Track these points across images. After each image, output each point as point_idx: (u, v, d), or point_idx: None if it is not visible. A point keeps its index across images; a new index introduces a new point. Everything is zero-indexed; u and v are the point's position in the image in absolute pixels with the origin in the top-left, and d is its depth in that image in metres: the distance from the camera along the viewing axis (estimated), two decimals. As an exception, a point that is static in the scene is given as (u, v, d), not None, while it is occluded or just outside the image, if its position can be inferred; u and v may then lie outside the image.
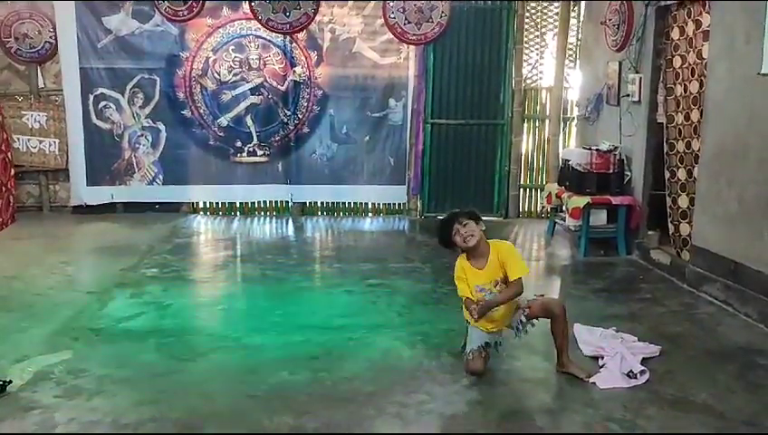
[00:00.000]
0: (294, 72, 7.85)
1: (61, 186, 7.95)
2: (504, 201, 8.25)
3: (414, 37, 7.62)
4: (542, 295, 3.88)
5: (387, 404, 3.50)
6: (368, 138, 8.09)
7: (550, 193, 7.15)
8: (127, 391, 3.59)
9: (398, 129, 8.10)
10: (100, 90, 7.69)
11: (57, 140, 7.74)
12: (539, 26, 8.23)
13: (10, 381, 3.56)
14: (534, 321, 3.93)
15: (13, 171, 7.44)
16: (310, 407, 3.46)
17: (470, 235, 3.85)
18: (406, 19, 7.55)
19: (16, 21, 7.37)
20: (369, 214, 8.42)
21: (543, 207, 7.94)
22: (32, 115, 7.68)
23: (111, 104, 7.74)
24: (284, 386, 3.69)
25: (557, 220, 7.12)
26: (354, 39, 7.84)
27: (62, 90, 7.66)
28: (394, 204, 8.37)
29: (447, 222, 3.94)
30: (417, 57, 7.92)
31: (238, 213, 8.29)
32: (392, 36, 7.67)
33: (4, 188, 7.15)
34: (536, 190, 8.37)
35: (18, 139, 7.63)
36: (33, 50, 7.49)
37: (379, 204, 8.40)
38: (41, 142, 7.72)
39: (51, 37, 7.46)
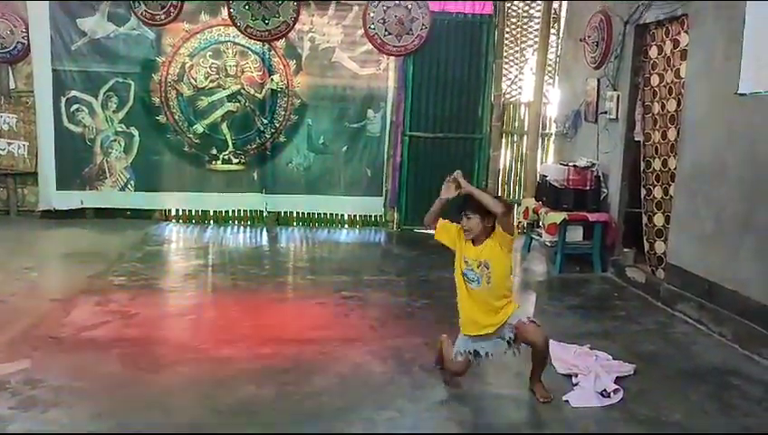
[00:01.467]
0: (272, 80, 7.76)
1: (29, 189, 7.76)
2: (481, 216, 8.20)
3: (394, 49, 7.59)
4: (533, 322, 3.75)
5: (356, 420, 3.41)
6: (345, 148, 8.02)
7: (527, 208, 7.12)
8: (85, 402, 3.46)
9: (375, 140, 8.04)
10: (73, 93, 7.53)
11: (27, 143, 7.56)
12: (519, 41, 8.25)
13: (-39, 392, 3.41)
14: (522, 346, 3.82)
15: (-21, 173, 7.25)
16: (276, 421, 3.35)
17: (468, 229, 3.70)
18: (386, 30, 7.52)
19: (-11, 20, 7.22)
20: (346, 225, 8.32)
21: (520, 222, 7.90)
22: (2, 117, 7.49)
23: (84, 108, 7.58)
24: (251, 400, 3.58)
25: (533, 235, 7.09)
26: (334, 49, 7.77)
27: (33, 91, 7.49)
28: (370, 216, 8.29)
29: (461, 206, 3.75)
30: (396, 69, 7.88)
31: (212, 221, 8.15)
32: (372, 47, 7.63)
33: (-31, 191, 6.97)
34: (513, 205, 8.34)
35: (-14, 140, 7.45)
36: (5, 50, 7.32)
37: (355, 215, 8.32)
38: (9, 144, 7.54)
39: (23, 37, 7.30)
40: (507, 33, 8.09)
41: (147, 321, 4.83)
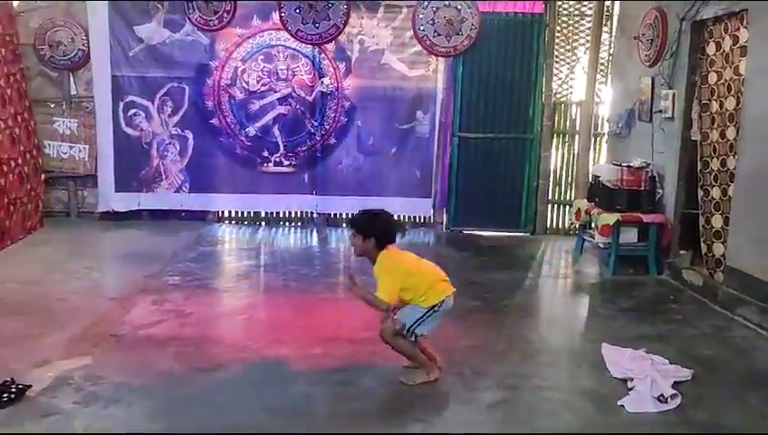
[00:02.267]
0: (322, 82, 7.84)
1: (89, 192, 8.01)
2: (532, 217, 8.12)
3: (443, 49, 7.57)
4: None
5: (409, 421, 3.42)
6: (394, 150, 8.04)
7: (579, 209, 7.01)
8: (143, 399, 3.55)
9: (425, 141, 8.03)
10: (131, 97, 7.75)
11: (87, 147, 7.82)
12: (570, 40, 8.12)
13: (29, 386, 3.55)
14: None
15: (43, 177, 7.52)
16: (329, 422, 3.38)
17: (352, 246, 3.97)
18: (435, 31, 7.51)
19: (51, 28, 7.47)
20: (395, 226, 8.32)
21: (572, 223, 7.79)
22: (63, 121, 7.77)
23: (141, 112, 7.80)
24: (304, 399, 3.62)
25: (585, 237, 6.97)
26: (383, 51, 7.81)
27: (93, 97, 7.73)
28: (419, 217, 8.29)
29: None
30: (445, 69, 7.86)
31: (263, 223, 8.28)
32: (421, 48, 7.63)
33: (32, 193, 7.23)
34: (564, 206, 8.22)
35: (49, 144, 7.72)
36: (66, 57, 7.58)
37: (404, 216, 8.31)
38: (71, 148, 7.81)
39: (84, 45, 7.55)
40: (558, 31, 7.98)
41: (201, 320, 4.93)
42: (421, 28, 7.48)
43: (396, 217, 4.19)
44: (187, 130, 7.89)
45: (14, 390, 3.48)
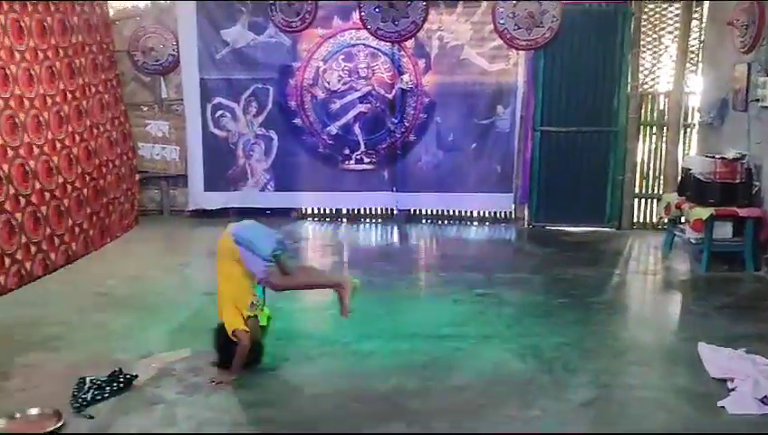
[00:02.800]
0: (402, 79, 7.88)
1: (180, 191, 8.36)
2: (617, 211, 7.91)
3: (524, 43, 7.47)
4: None
5: (499, 417, 3.42)
6: (474, 145, 8.00)
7: (669, 204, 6.77)
8: (242, 390, 3.70)
9: (505, 136, 7.96)
10: (218, 99, 8.03)
11: (177, 148, 8.15)
12: (656, 28, 7.84)
13: (136, 376, 3.75)
14: None
15: (137, 177, 7.91)
16: (420, 416, 3.43)
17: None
18: (516, 25, 7.41)
19: (144, 35, 7.83)
20: (475, 222, 8.31)
21: (661, 218, 7.54)
22: (155, 124, 8.13)
23: (228, 113, 8.07)
24: (395, 393, 3.68)
25: (676, 232, 6.73)
26: (462, 46, 7.78)
27: (182, 100, 8.06)
28: (500, 212, 8.23)
29: None
30: (526, 63, 7.76)
31: (344, 220, 8.41)
32: (501, 42, 7.55)
33: (129, 193, 7.62)
34: (652, 200, 7.97)
35: (142, 146, 8.10)
36: (158, 62, 7.92)
37: (484, 212, 8.29)
38: (163, 150, 8.16)
39: (173, 50, 7.86)
40: (644, 20, 7.72)
41: (290, 314, 5.06)
42: (501, 22, 7.40)
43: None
44: (271, 130, 8.10)
45: (122, 380, 3.69)
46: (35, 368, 3.92)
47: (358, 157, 8.14)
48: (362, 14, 7.45)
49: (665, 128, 7.77)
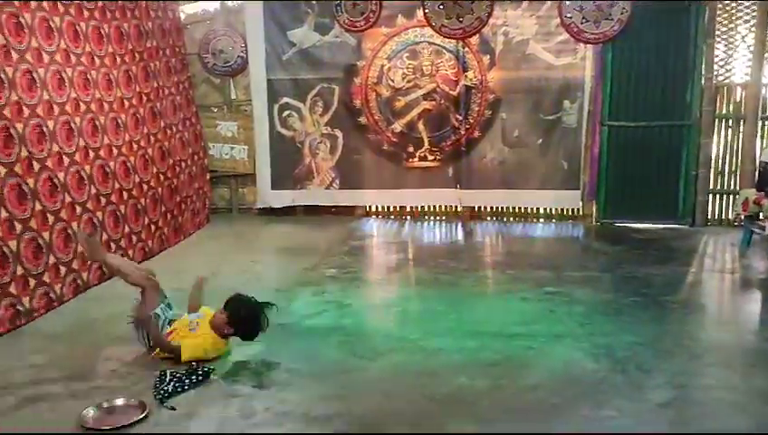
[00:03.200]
0: (466, 76, 7.85)
1: (248, 189, 8.57)
2: (691, 208, 7.67)
3: (592, 36, 7.29)
4: None
5: (572, 417, 3.37)
6: (540, 141, 7.90)
7: (746, 199, 6.52)
8: (315, 385, 3.76)
9: (572, 131, 7.83)
10: (285, 99, 8.19)
11: (246, 147, 8.36)
12: (732, 18, 7.56)
13: (213, 369, 3.88)
14: None
15: (208, 176, 8.15)
16: (491, 414, 3.42)
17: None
18: (583, 18, 7.25)
19: (213, 38, 8.05)
20: (541, 219, 8.20)
21: (738, 214, 7.26)
22: (225, 124, 8.35)
23: (294, 113, 8.22)
24: (464, 391, 3.68)
25: (754, 229, 6.48)
26: (528, 41, 7.69)
27: (251, 100, 8.25)
28: (567, 209, 8.11)
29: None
30: (594, 57, 7.60)
31: (408, 217, 8.44)
32: (568, 36, 7.41)
33: (201, 192, 7.86)
34: (728, 196, 7.69)
35: (213, 146, 8.34)
36: (227, 64, 8.13)
37: (551, 209, 8.18)
38: (232, 149, 8.38)
39: (242, 52, 8.06)
40: (719, 9, 7.45)
41: (359, 311, 5.15)
42: (568, 15, 7.25)
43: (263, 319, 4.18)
44: (336, 128, 8.21)
45: (200, 373, 3.82)
46: (118, 361, 4.09)
47: (422, 154, 8.16)
48: (426, 11, 7.43)
49: (741, 121, 7.50)
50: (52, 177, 5.16)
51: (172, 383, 3.67)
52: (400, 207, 8.45)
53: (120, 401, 3.54)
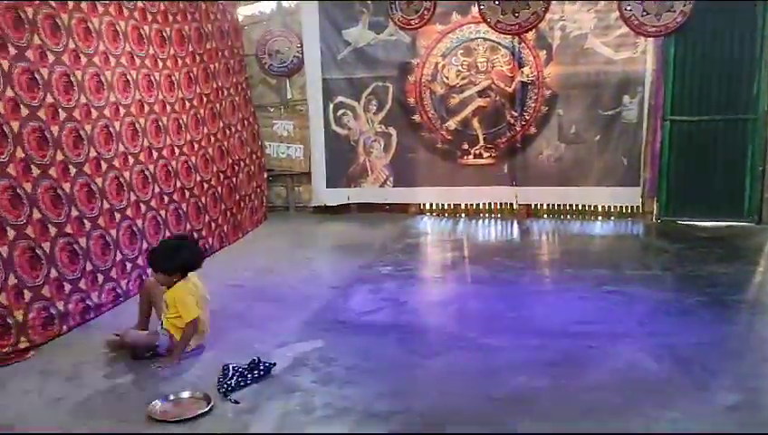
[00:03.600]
0: (522, 72, 7.76)
1: (304, 188, 8.68)
2: (757, 205, 7.39)
3: (653, 29, 7.12)
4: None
5: (636, 418, 3.31)
6: (598, 137, 7.75)
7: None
8: (374, 381, 3.79)
9: (632, 127, 7.65)
10: (339, 98, 8.26)
11: (302, 146, 8.46)
12: (803, 6, 7.26)
13: (274, 364, 3.95)
14: None
15: (265, 175, 8.29)
16: (553, 414, 3.38)
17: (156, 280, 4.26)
18: (644, 10, 7.08)
19: (270, 39, 8.18)
20: (599, 217, 8.05)
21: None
22: (281, 124, 8.48)
23: (349, 112, 8.28)
24: (524, 390, 3.65)
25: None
26: (586, 35, 7.54)
27: (306, 100, 8.35)
28: (626, 207, 7.92)
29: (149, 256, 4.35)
30: (655, 50, 7.41)
31: (463, 214, 8.40)
32: (628, 30, 7.25)
33: (259, 190, 8.01)
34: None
35: (269, 145, 8.47)
36: (283, 65, 8.25)
37: (609, 206, 8.01)
38: (288, 148, 8.50)
39: (298, 52, 8.16)
40: (788, -2, 7.17)
41: (416, 308, 5.16)
42: (628, 8, 7.09)
43: (196, 241, 4.46)
44: (390, 126, 8.24)
45: (262, 368, 3.89)
46: (184, 353, 4.20)
47: (476, 151, 8.11)
48: (481, 7, 7.39)
49: (813, 114, 7.19)
50: (118, 176, 5.34)
51: (235, 378, 3.75)
52: (455, 204, 8.42)
53: (185, 394, 3.65)
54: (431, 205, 8.52)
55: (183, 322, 4.15)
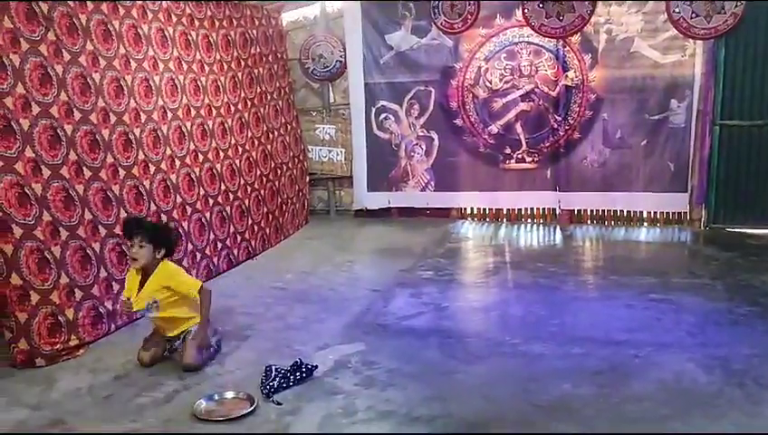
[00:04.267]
0: (567, 76, 7.67)
1: (345, 191, 8.73)
2: (811, 212, 7.17)
3: (703, 32, 6.95)
4: (194, 342, 4.08)
5: (683, 429, 3.23)
6: (645, 142, 7.60)
7: None
8: (416, 385, 3.79)
9: (680, 132, 7.48)
10: (381, 103, 8.28)
11: (343, 150, 8.51)
12: None
13: (316, 366, 3.97)
14: None
15: (307, 178, 8.36)
16: (597, 423, 3.33)
17: (134, 258, 4.03)
18: (693, 12, 6.93)
19: (313, 43, 8.25)
20: (645, 224, 7.89)
21: None
22: (323, 128, 8.54)
23: (391, 116, 8.29)
24: (568, 398, 3.60)
25: None
26: (632, 38, 7.41)
27: (348, 104, 8.39)
28: (673, 213, 7.75)
29: (127, 224, 4.20)
30: (704, 53, 7.24)
31: (505, 219, 8.33)
32: (676, 32, 7.10)
33: (300, 193, 8.08)
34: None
35: (312, 149, 8.54)
36: (326, 69, 8.31)
37: (655, 213, 7.84)
38: (330, 152, 8.56)
39: (341, 56, 8.21)
40: None
41: (457, 313, 5.13)
42: (677, 11, 6.95)
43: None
44: (432, 130, 8.22)
45: (304, 369, 3.92)
46: (229, 354, 4.26)
47: (519, 156, 8.04)
48: (526, 10, 7.33)
49: None
50: (165, 178, 5.45)
51: (277, 379, 3.79)
52: (496, 209, 8.35)
53: (229, 394, 3.69)
54: (472, 209, 8.47)
55: (189, 300, 4.13)
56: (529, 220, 8.27)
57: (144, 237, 4.03)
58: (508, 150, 8.05)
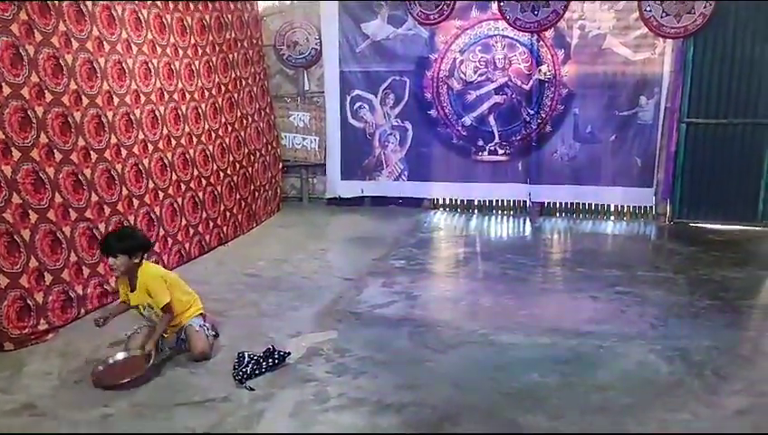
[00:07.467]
0: (540, 70, 7.77)
1: (318, 179, 8.74)
2: (772, 210, 7.39)
3: (673, 31, 7.10)
4: (202, 330, 4.14)
5: (646, 419, 3.34)
6: (614, 137, 7.75)
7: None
8: (387, 373, 3.85)
9: (647, 128, 7.65)
10: (356, 91, 8.29)
11: (317, 138, 8.51)
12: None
13: (289, 353, 4.00)
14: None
15: (281, 165, 8.34)
16: (563, 411, 3.42)
17: (112, 268, 4.01)
18: (663, 11, 7.07)
19: (289, 30, 8.21)
20: (612, 217, 8.06)
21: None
22: (297, 115, 8.52)
23: (365, 105, 8.31)
24: (536, 387, 3.69)
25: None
26: (605, 35, 7.54)
27: (323, 92, 8.39)
28: (639, 207, 7.93)
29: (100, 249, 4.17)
30: (674, 51, 7.40)
31: (476, 210, 8.43)
32: (647, 30, 7.23)
33: (273, 180, 8.06)
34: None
35: (285, 136, 8.53)
36: (302, 56, 8.29)
37: (622, 207, 8.02)
38: (304, 139, 8.55)
39: (316, 44, 8.19)
40: (810, 2, 7.13)
41: (428, 303, 5.20)
42: (648, 9, 7.08)
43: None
44: (406, 121, 8.27)
45: (276, 356, 3.94)
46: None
47: (492, 148, 8.13)
48: (501, 4, 7.40)
49: (833, 120, 7.16)
50: (137, 163, 5.41)
51: (250, 365, 3.81)
52: (468, 200, 8.45)
53: (120, 356, 3.89)
54: (445, 200, 8.56)
55: (179, 291, 4.15)
56: (500, 212, 8.39)
57: (112, 254, 3.95)
58: (481, 142, 8.14)
